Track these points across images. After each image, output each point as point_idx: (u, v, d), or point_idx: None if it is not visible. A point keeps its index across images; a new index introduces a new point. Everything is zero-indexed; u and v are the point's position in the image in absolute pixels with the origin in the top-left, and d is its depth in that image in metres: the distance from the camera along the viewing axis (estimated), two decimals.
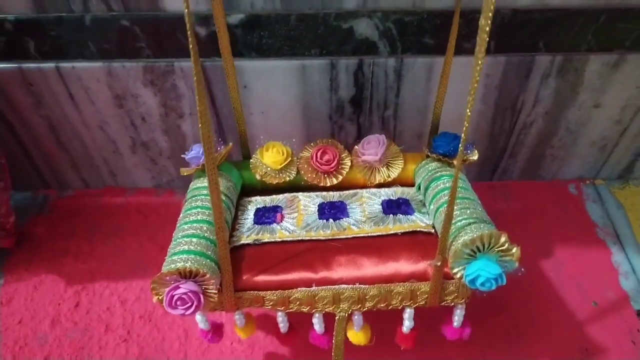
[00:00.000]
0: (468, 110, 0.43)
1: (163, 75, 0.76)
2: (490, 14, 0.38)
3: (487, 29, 0.38)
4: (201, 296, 0.52)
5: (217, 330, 0.64)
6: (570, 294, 0.80)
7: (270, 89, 0.78)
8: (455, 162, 0.64)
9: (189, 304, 0.51)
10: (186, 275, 0.52)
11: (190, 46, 0.40)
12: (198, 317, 0.61)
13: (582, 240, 0.88)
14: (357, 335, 0.61)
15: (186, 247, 0.54)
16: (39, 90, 0.79)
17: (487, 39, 0.39)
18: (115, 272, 0.84)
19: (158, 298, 0.52)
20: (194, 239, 0.55)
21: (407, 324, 0.60)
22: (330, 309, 0.58)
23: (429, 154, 0.68)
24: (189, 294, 0.51)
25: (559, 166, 0.95)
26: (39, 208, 0.95)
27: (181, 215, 0.62)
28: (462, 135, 0.46)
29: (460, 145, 0.47)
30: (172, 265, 0.52)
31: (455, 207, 0.56)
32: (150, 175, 0.94)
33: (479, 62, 0.40)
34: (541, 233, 0.89)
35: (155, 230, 0.90)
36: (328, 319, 0.60)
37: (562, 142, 0.89)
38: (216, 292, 0.53)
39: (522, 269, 0.54)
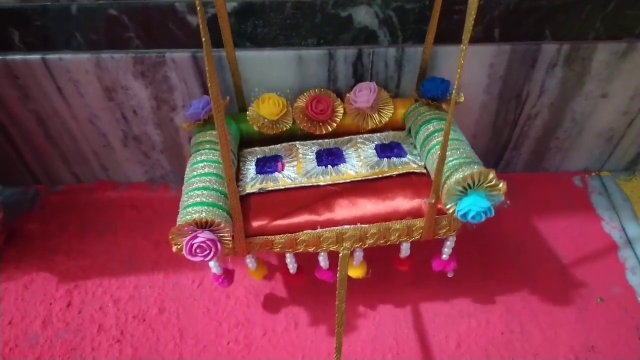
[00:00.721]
0: (462, 60, 0.46)
1: (154, 66, 0.73)
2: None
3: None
4: (218, 243, 0.56)
5: (228, 275, 0.69)
6: (575, 290, 0.78)
7: (267, 81, 0.75)
8: (444, 105, 0.69)
9: (208, 251, 0.55)
10: (202, 225, 0.55)
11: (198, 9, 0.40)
12: (212, 263, 0.65)
13: (588, 234, 0.86)
14: (355, 270, 0.67)
15: (199, 199, 0.58)
16: (25, 83, 0.76)
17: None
18: (108, 269, 0.81)
19: (177, 247, 0.56)
20: (205, 191, 0.59)
21: (404, 253, 0.67)
22: (334, 247, 0.62)
23: (418, 98, 0.71)
24: (207, 242, 0.55)
25: (563, 158, 0.92)
26: (30, 204, 0.93)
27: (188, 169, 0.64)
28: (456, 81, 0.49)
29: (453, 89, 0.50)
30: (189, 217, 0.55)
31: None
32: (143, 169, 0.91)
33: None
34: (545, 227, 0.87)
35: (150, 226, 0.87)
36: (331, 256, 0.65)
37: (568, 134, 0.87)
38: (231, 239, 0.57)
39: (508, 202, 0.59)
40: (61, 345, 0.72)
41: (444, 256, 0.69)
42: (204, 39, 0.43)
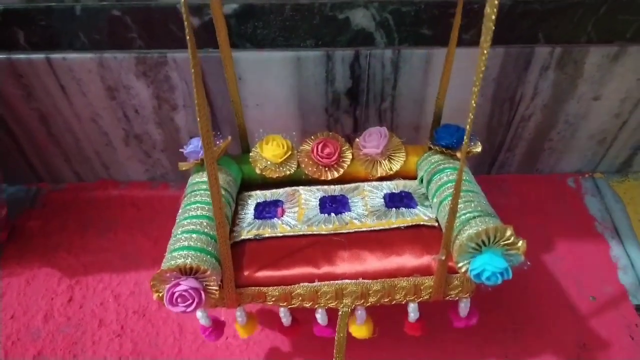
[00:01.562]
0: (473, 102, 0.42)
1: (156, 66, 0.75)
2: (496, 2, 0.37)
3: (493, 17, 0.37)
4: (202, 293, 0.51)
5: (217, 327, 0.63)
6: (568, 289, 0.79)
7: (265, 81, 0.77)
8: (458, 154, 0.64)
9: (190, 300, 0.51)
10: (187, 271, 0.51)
11: (188, 37, 0.38)
12: (199, 313, 0.60)
13: (581, 234, 0.87)
14: (359, 330, 0.61)
15: (186, 243, 0.54)
16: (29, 82, 0.77)
17: (493, 27, 0.37)
18: (108, 266, 0.83)
19: (158, 295, 0.52)
20: (194, 235, 0.55)
21: (412, 316, 0.61)
22: (333, 304, 0.57)
23: (431, 146, 0.67)
24: (189, 290, 0.50)
25: (557, 159, 0.94)
26: (32, 202, 0.94)
27: (180, 210, 0.61)
28: (467, 127, 0.45)
29: (465, 137, 0.46)
30: (173, 262, 0.51)
31: (459, 200, 0.55)
32: (144, 168, 0.93)
33: (485, 52, 0.39)
34: (539, 227, 0.88)
35: (150, 224, 0.89)
36: (330, 311, 0.60)
37: (561, 135, 0.88)
38: (217, 288, 0.53)
39: (528, 263, 0.54)
40: (62, 339, 0.73)
41: (461, 314, 0.62)
42: (193, 71, 0.41)
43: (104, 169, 0.93)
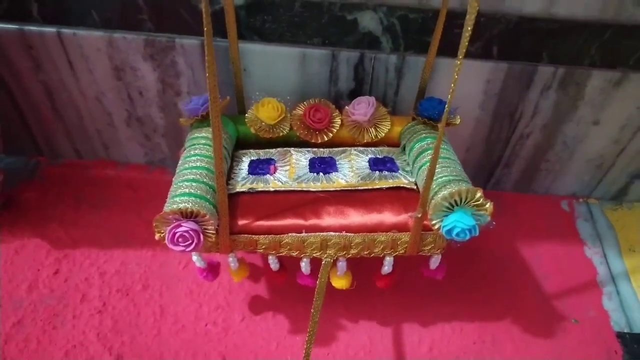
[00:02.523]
0: (455, 75, 0.45)
1: (163, 50, 0.76)
2: (476, 3, 0.41)
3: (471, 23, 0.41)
4: (201, 235, 0.56)
5: (213, 268, 0.69)
6: (551, 309, 0.79)
7: (270, 75, 0.78)
8: (439, 125, 0.67)
9: (190, 241, 0.55)
10: (187, 215, 0.55)
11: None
12: (194, 257, 0.65)
13: (569, 256, 0.88)
14: (340, 280, 0.66)
15: (187, 190, 0.58)
16: (38, 54, 0.78)
17: (470, 29, 0.40)
18: (97, 243, 0.83)
19: (160, 235, 0.56)
20: (194, 183, 0.59)
21: (386, 269, 0.66)
22: (318, 254, 0.62)
23: (415, 116, 0.72)
24: (190, 232, 0.55)
25: (553, 181, 0.94)
26: (30, 174, 0.95)
27: (180, 161, 0.65)
28: (449, 97, 0.48)
29: (445, 108, 0.50)
30: (175, 206, 0.56)
31: (437, 166, 0.60)
32: (143, 151, 0.94)
33: (465, 43, 0.43)
34: (528, 245, 0.88)
35: (143, 206, 0.90)
36: (314, 263, 0.65)
37: (558, 157, 0.89)
38: (214, 232, 0.57)
39: (494, 223, 0.59)
40: (44, 310, 0.74)
41: (431, 267, 0.68)
42: (205, 29, 0.44)
43: (103, 149, 0.94)
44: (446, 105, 0.50)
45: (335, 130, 0.72)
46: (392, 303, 0.78)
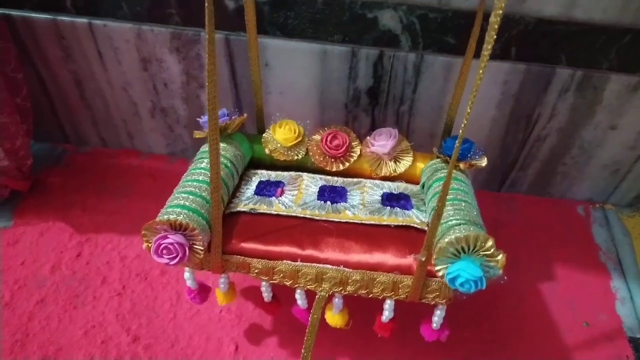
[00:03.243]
0: (469, 108, 0.42)
1: (189, 43, 0.79)
2: (500, 12, 0.37)
3: (496, 26, 0.38)
4: (187, 249, 0.53)
5: (203, 291, 0.66)
6: (562, 312, 0.79)
7: (290, 70, 0.80)
8: (462, 165, 0.65)
9: (174, 254, 0.53)
10: (176, 227, 0.53)
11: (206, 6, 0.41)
12: (186, 274, 0.63)
13: (583, 261, 0.88)
14: (334, 318, 0.62)
15: (182, 202, 0.56)
16: (69, 44, 0.82)
17: (495, 36, 0.38)
18: (119, 229, 0.86)
19: (147, 245, 0.55)
20: (191, 196, 0.57)
21: (387, 314, 0.61)
22: (312, 286, 0.59)
23: (438, 154, 0.68)
24: (175, 244, 0.52)
25: (569, 185, 0.94)
26: (56, 160, 0.98)
27: (185, 173, 0.64)
28: (460, 131, 0.45)
29: (456, 142, 0.46)
30: (165, 216, 0.54)
31: (449, 207, 0.57)
32: (165, 141, 0.97)
33: (485, 60, 0.40)
34: (542, 249, 0.89)
35: (163, 195, 0.89)
36: (311, 296, 0.61)
37: (575, 161, 0.89)
38: (202, 248, 0.55)
39: (505, 278, 0.53)
40: (66, 290, 0.77)
41: (434, 325, 0.62)
42: (208, 49, 0.44)
43: (128, 138, 0.97)
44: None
45: (352, 160, 0.69)
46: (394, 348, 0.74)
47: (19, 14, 0.79)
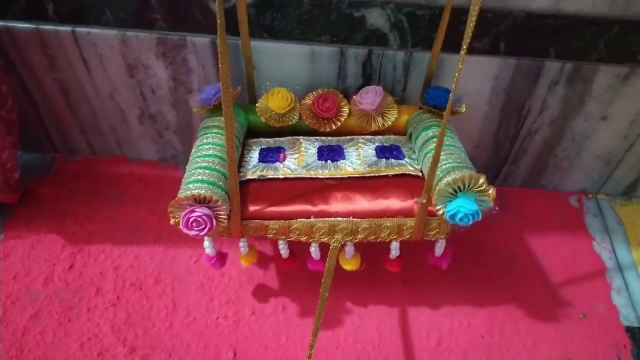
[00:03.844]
0: (460, 64, 0.47)
1: (175, 48, 0.78)
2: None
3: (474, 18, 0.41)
4: (214, 220, 0.58)
5: (221, 257, 0.71)
6: (559, 303, 0.80)
7: (279, 72, 0.79)
8: (444, 113, 0.67)
9: (203, 226, 0.57)
10: (200, 201, 0.57)
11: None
12: (206, 242, 0.67)
13: (578, 252, 0.88)
14: (349, 263, 0.69)
15: (200, 177, 0.60)
16: (53, 52, 0.80)
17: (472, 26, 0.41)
18: (112, 237, 0.85)
19: (175, 220, 0.59)
20: (207, 171, 0.61)
21: (394, 253, 0.68)
22: (326, 239, 0.64)
23: (422, 106, 0.73)
24: (203, 217, 0.57)
25: (562, 177, 0.94)
26: (46, 170, 0.97)
27: (194, 150, 0.67)
28: (453, 86, 0.50)
29: (456, 98, 0.54)
30: (189, 192, 0.58)
31: (442, 153, 0.62)
32: (155, 148, 0.95)
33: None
34: (536, 241, 0.89)
35: (155, 201, 0.91)
36: (324, 249, 0.67)
37: (566, 153, 0.89)
38: (226, 217, 0.59)
39: (496, 208, 0.60)
40: (59, 303, 0.76)
41: (436, 254, 0.70)
42: (219, 22, 0.45)
43: (117, 145, 0.96)
44: (451, 93, 0.51)
45: (343, 119, 0.73)
46: (401, 297, 0.79)
47: (1, 24, 0.77)
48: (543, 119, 0.83)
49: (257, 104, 0.73)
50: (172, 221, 0.59)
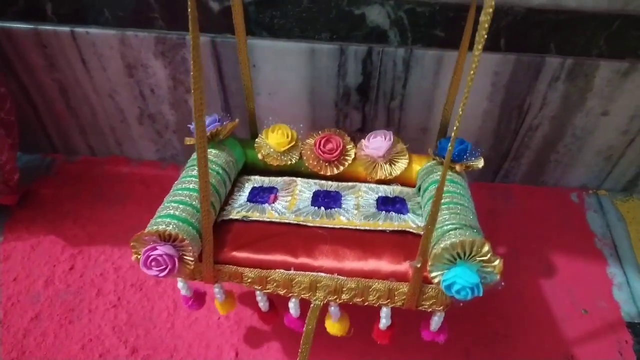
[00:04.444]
0: (460, 110, 0.42)
1: (174, 47, 0.77)
2: (490, 10, 0.36)
3: (487, 25, 0.37)
4: (176, 260, 0.52)
5: (198, 297, 0.65)
6: (561, 300, 0.79)
7: (279, 71, 0.79)
8: (458, 167, 0.63)
9: (164, 266, 0.52)
10: (165, 238, 0.52)
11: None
12: (180, 284, 0.62)
13: (579, 248, 0.88)
14: (334, 326, 0.61)
15: (171, 212, 0.55)
16: (52, 52, 0.80)
17: (485, 36, 0.37)
18: (112, 238, 0.85)
19: (137, 257, 0.53)
20: (181, 205, 0.56)
21: (384, 322, 0.60)
22: (306, 295, 0.57)
23: (434, 156, 0.66)
24: (164, 256, 0.51)
25: (562, 173, 0.94)
26: (46, 171, 0.97)
27: (176, 182, 0.62)
28: (452, 134, 0.44)
29: (449, 144, 0.44)
30: (154, 227, 0.53)
31: (445, 211, 0.56)
32: (155, 147, 0.95)
33: (476, 60, 0.39)
34: (538, 238, 0.89)
35: (156, 201, 0.87)
36: (306, 305, 0.60)
37: (567, 149, 0.89)
38: (193, 259, 0.53)
39: (502, 283, 0.52)
40: (60, 304, 0.75)
41: (432, 328, 0.61)
42: (192, 43, 0.42)
43: (117, 145, 0.96)
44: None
45: (347, 164, 0.68)
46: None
47: None
48: (544, 114, 0.83)
49: (256, 139, 0.69)
50: (133, 257, 0.54)
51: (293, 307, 0.60)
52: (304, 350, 0.59)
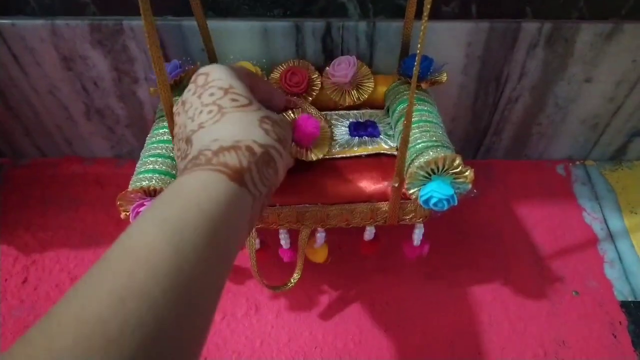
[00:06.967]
0: (422, 27, 0.43)
1: (112, 35, 0.70)
2: None
3: None
4: None
5: None
6: (550, 281, 0.75)
7: (230, 54, 0.71)
8: (423, 84, 0.64)
9: None
10: (150, 193, 0.54)
11: None
12: None
13: (568, 224, 0.83)
14: (316, 253, 0.66)
15: (151, 167, 0.56)
16: None
17: None
18: (67, 246, 0.79)
19: (125, 214, 0.55)
20: (160, 159, 0.57)
21: (368, 235, 0.65)
22: (295, 226, 0.61)
23: (399, 76, 0.67)
24: None
25: (546, 145, 0.88)
26: None
27: (149, 135, 0.62)
28: (418, 50, 0.45)
29: (416, 60, 0.45)
30: (138, 184, 0.54)
31: (415, 130, 0.58)
32: (109, 144, 0.88)
33: None
34: (524, 216, 0.83)
35: (113, 203, 0.82)
36: (294, 235, 0.65)
37: (550, 119, 0.83)
38: None
39: (475, 191, 0.56)
40: (14, 322, 0.70)
41: (414, 242, 0.66)
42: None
43: (67, 145, 0.89)
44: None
45: (314, 94, 0.67)
46: (380, 288, 0.74)
47: None
48: (523, 85, 0.77)
49: None
50: (122, 215, 0.55)
51: (284, 239, 0.65)
52: (299, 264, 0.66)
